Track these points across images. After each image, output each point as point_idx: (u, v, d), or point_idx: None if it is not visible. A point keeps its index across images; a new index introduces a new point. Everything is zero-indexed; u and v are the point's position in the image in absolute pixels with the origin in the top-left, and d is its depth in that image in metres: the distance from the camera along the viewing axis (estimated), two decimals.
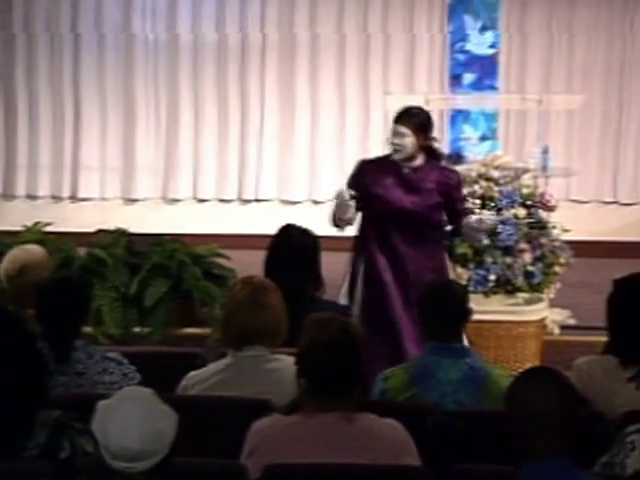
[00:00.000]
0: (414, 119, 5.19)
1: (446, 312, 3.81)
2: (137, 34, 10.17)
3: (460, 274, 6.21)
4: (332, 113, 10.08)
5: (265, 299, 3.78)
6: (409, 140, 5.15)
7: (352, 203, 5.14)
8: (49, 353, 3.72)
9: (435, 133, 5.28)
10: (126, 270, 6.55)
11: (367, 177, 5.32)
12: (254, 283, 3.87)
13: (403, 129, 5.16)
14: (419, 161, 5.25)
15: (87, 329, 5.85)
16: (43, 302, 3.88)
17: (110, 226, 7.06)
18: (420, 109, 5.33)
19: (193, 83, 10.16)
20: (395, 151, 5.23)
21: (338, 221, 5.25)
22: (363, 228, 5.38)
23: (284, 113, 10.14)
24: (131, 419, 2.50)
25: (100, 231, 7.01)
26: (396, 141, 5.20)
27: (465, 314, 3.92)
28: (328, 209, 5.37)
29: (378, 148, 6.49)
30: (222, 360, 3.84)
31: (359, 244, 5.40)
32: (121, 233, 6.88)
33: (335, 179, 8.19)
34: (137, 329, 6.46)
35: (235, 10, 10.09)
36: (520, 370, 3.26)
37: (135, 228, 7.14)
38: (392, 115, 5.41)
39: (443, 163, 5.59)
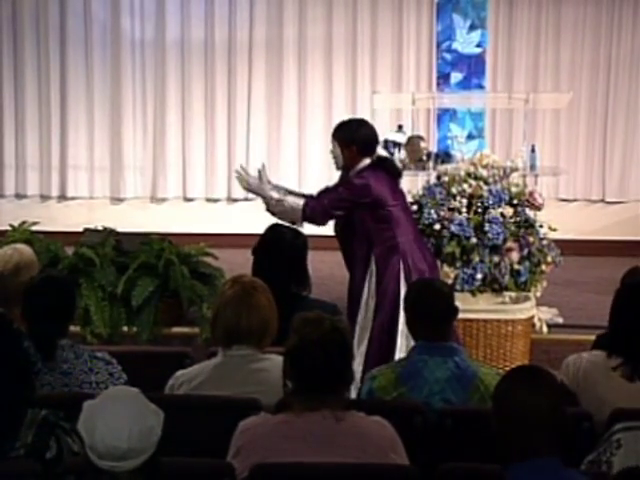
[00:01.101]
0: (340, 133, 5.35)
1: (432, 311, 3.82)
2: (125, 33, 10.15)
3: (447, 273, 6.21)
4: (320, 112, 10.09)
5: (253, 299, 3.77)
6: (337, 152, 5.34)
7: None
8: (35, 352, 3.71)
9: (422, 132, 5.27)
10: (113, 269, 6.53)
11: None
12: (243, 282, 3.86)
13: (332, 142, 5.38)
14: (361, 166, 5.33)
15: (75, 328, 5.89)
16: (30, 301, 3.86)
17: (98, 225, 7.05)
18: (354, 123, 5.42)
19: (181, 82, 10.16)
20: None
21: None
22: None
23: (272, 112, 10.15)
24: (118, 418, 2.50)
25: (87, 230, 6.99)
26: (331, 153, 5.42)
27: (452, 312, 3.92)
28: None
29: None
30: (211, 359, 3.83)
31: None
32: (109, 232, 6.87)
33: (322, 178, 8.18)
34: (125, 328, 6.45)
35: (223, 9, 10.09)
36: (509, 368, 3.25)
37: (123, 227, 7.13)
38: (380, 114, 5.42)
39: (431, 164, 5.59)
